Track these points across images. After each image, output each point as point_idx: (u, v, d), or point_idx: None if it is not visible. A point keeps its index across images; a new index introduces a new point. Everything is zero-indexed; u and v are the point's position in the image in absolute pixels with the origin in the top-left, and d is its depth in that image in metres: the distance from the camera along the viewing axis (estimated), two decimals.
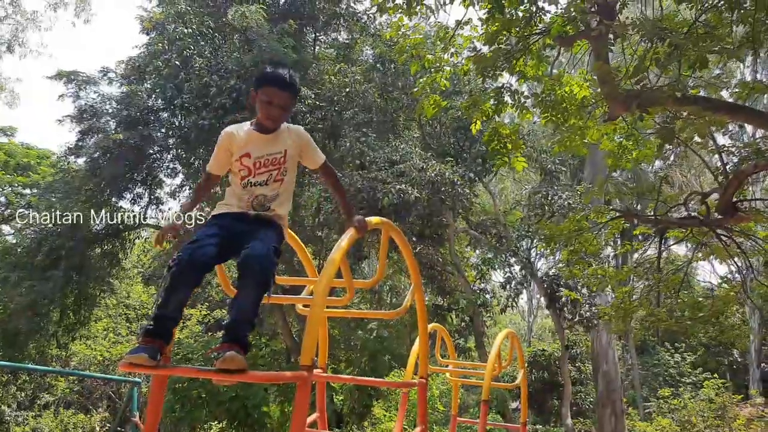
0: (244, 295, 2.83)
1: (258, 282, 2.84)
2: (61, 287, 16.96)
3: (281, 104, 3.16)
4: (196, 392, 15.51)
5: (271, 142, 3.22)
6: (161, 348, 2.83)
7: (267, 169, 3.19)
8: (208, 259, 2.89)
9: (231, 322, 2.84)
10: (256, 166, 3.19)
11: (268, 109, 3.16)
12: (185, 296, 2.89)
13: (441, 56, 6.39)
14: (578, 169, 20.79)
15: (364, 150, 15.13)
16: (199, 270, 2.89)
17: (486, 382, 6.42)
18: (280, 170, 3.21)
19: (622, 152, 6.42)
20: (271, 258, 2.91)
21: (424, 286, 19.29)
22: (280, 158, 3.21)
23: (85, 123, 17.61)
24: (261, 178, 3.19)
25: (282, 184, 3.23)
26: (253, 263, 2.83)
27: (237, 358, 2.63)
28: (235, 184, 3.25)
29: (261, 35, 16.10)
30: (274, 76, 3.20)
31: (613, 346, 17.25)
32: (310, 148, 3.35)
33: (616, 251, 16.56)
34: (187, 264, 2.83)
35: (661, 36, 4.54)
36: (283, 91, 3.16)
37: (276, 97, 3.14)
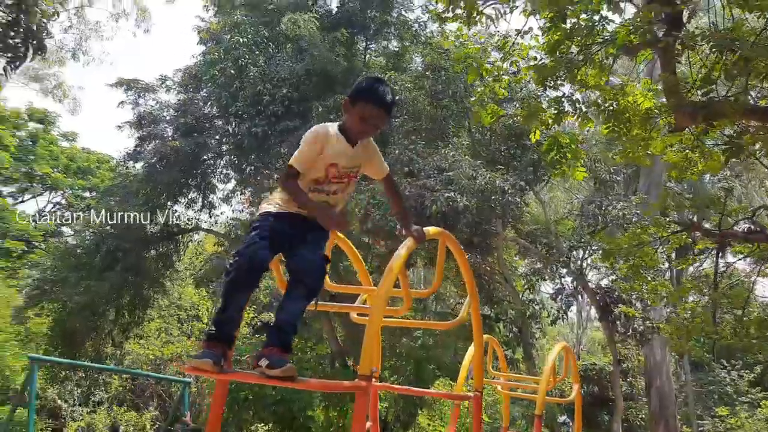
0: (293, 301, 2.89)
1: (307, 291, 2.90)
2: (118, 288, 17.51)
3: (376, 123, 3.11)
4: (244, 394, 15.75)
5: (355, 155, 3.19)
6: (224, 352, 2.87)
7: (342, 181, 3.19)
8: (263, 263, 2.93)
9: (277, 326, 2.89)
10: (333, 176, 3.15)
11: (362, 126, 3.10)
12: (244, 300, 2.94)
13: (499, 65, 6.33)
14: (632, 178, 20.30)
15: (412, 157, 15.12)
16: (256, 273, 2.92)
17: (540, 396, 6.32)
18: (350, 183, 3.23)
19: (687, 164, 6.23)
20: (322, 267, 2.96)
21: None
22: (357, 171, 3.23)
23: (143, 129, 18.17)
24: (332, 188, 3.18)
25: (345, 196, 3.26)
26: (307, 273, 2.88)
27: (290, 368, 2.69)
28: (306, 183, 3.15)
29: (313, 44, 16.33)
30: (373, 93, 3.08)
31: (667, 361, 16.75)
32: (378, 159, 3.34)
33: (672, 265, 16.05)
34: (245, 268, 2.87)
35: (731, 47, 4.40)
36: (380, 110, 3.08)
37: (373, 114, 3.07)
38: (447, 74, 16.03)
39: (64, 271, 17.90)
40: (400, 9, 19.07)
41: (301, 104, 16.10)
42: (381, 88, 3.11)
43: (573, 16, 5.23)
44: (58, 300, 18.23)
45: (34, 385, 11.47)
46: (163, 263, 19.09)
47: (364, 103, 3.06)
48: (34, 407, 11.69)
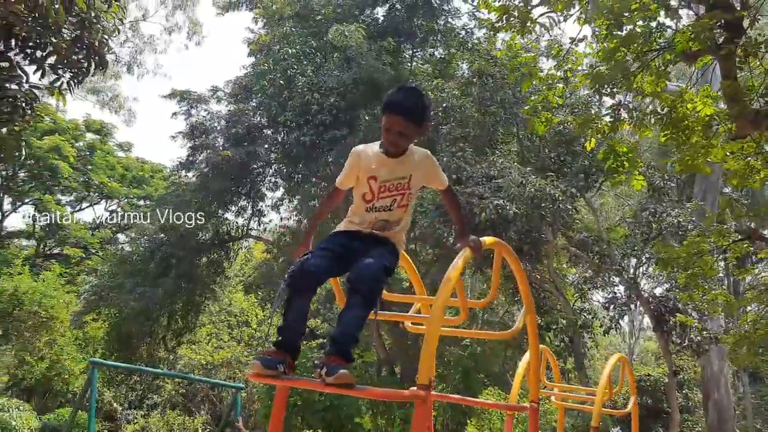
0: (352, 311, 2.90)
1: (366, 299, 2.90)
2: (171, 294, 18.00)
3: (397, 130, 3.07)
4: (293, 399, 15.91)
5: (397, 166, 3.17)
6: (284, 359, 2.91)
7: (391, 194, 3.17)
8: (317, 270, 2.94)
9: (337, 335, 2.91)
10: (380, 190, 3.17)
11: (386, 135, 3.11)
12: (302, 307, 2.96)
13: (553, 73, 6.28)
14: (686, 184, 19.74)
15: (460, 165, 15.05)
16: (310, 281, 2.95)
17: (596, 407, 6.20)
18: (405, 195, 3.18)
19: (748, 172, 6.04)
20: (381, 276, 2.94)
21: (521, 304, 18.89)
22: (405, 183, 3.17)
23: (195, 139, 18.66)
24: (384, 203, 3.18)
25: (406, 209, 3.22)
26: (362, 281, 2.88)
27: (346, 376, 2.71)
28: (358, 205, 3.23)
29: (360, 53, 16.48)
30: (390, 101, 3.12)
31: (726, 373, 16.18)
32: (436, 171, 3.32)
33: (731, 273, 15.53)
34: (298, 276, 2.92)
35: None
36: (397, 117, 3.06)
37: (391, 123, 3.07)
38: (495, 81, 15.94)
39: (120, 278, 18.49)
40: (446, 16, 19.09)
41: (349, 113, 16.26)
42: (397, 96, 3.12)
43: (629, 23, 5.16)
44: (114, 305, 18.83)
45: (94, 389, 11.81)
46: (214, 270, 19.53)
47: (384, 115, 3.10)
48: (94, 410, 12.04)
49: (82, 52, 7.37)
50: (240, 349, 21.34)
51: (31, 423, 16.45)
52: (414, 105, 3.10)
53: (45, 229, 24.50)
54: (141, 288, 17.46)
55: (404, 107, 3.08)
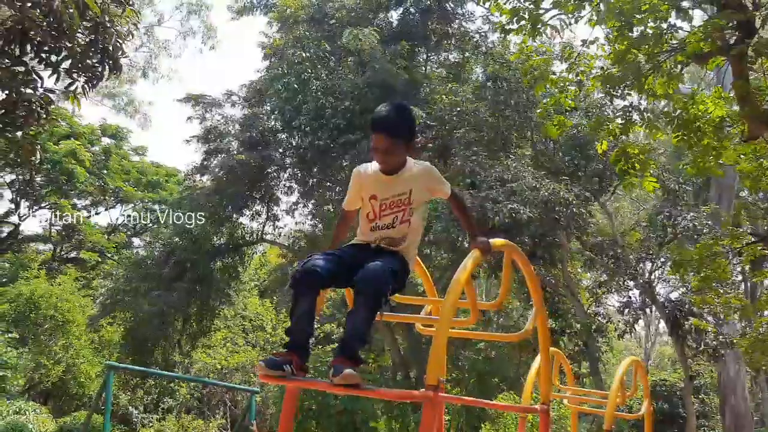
0: (358, 312, 2.91)
1: (372, 301, 2.89)
2: (186, 298, 18.10)
3: (380, 147, 3.08)
4: (308, 404, 15.94)
5: (395, 183, 3.17)
6: (291, 360, 2.93)
7: (392, 211, 3.17)
8: (321, 269, 2.94)
9: (344, 338, 2.94)
10: (381, 209, 3.18)
11: (374, 154, 3.14)
12: (308, 308, 2.96)
13: (566, 76, 6.26)
14: (701, 188, 19.56)
15: (474, 169, 15.04)
16: (312, 280, 2.94)
17: (609, 411, 6.16)
18: (406, 211, 3.17)
19: (762, 174, 5.97)
20: (387, 278, 2.93)
21: None
22: (405, 199, 3.16)
23: (210, 143, 18.77)
24: (386, 221, 3.18)
25: (410, 225, 3.19)
26: (368, 282, 2.88)
27: (352, 376, 2.71)
28: (363, 224, 3.26)
29: (374, 57, 16.53)
30: (373, 119, 3.13)
31: (743, 378, 15.99)
32: (437, 182, 3.28)
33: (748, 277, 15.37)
34: (301, 277, 2.94)
35: None
36: (381, 134, 3.07)
37: (376, 141, 3.09)
38: (509, 85, 15.92)
39: (135, 282, 18.62)
40: (460, 20, 19.08)
41: (363, 117, 16.27)
42: (380, 113, 3.13)
43: (640, 25, 5.13)
44: (129, 309, 18.97)
45: (109, 392, 11.91)
46: (228, 274, 19.61)
47: (371, 133, 3.15)
48: (110, 413, 12.13)
49: (97, 57, 7.47)
50: (255, 354, 21.42)
51: (48, 426, 16.61)
52: (398, 121, 3.10)
53: (61, 233, 24.75)
54: (156, 292, 17.58)
55: (387, 124, 3.08)
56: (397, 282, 3.10)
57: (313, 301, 2.99)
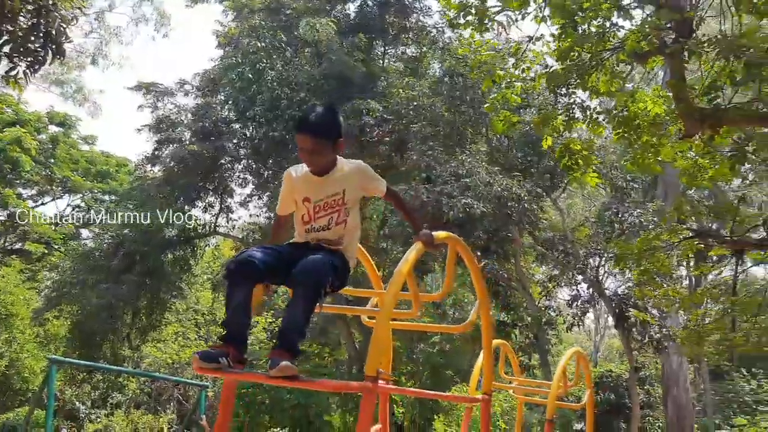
0: (297, 304, 2.88)
1: (311, 292, 2.86)
2: (135, 291, 17.74)
3: (306, 148, 3.05)
4: (261, 398, 15.84)
5: (327, 184, 3.14)
6: (230, 352, 2.90)
7: (327, 213, 3.15)
8: (256, 261, 2.90)
9: (282, 330, 2.91)
10: (316, 210, 3.15)
11: (301, 155, 3.10)
12: (243, 300, 2.92)
13: (512, 72, 6.33)
14: (650, 185, 20.13)
15: (430, 163, 15.15)
16: (247, 271, 2.90)
17: (550, 400, 6.28)
18: (341, 212, 3.15)
19: (697, 171, 6.18)
20: (327, 270, 2.91)
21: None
22: (339, 200, 3.14)
23: (161, 133, 18.40)
24: (322, 222, 3.16)
25: (346, 225, 3.16)
26: (307, 273, 2.86)
27: (288, 367, 2.69)
28: (299, 227, 3.23)
29: (331, 49, 16.44)
30: (297, 121, 3.13)
31: (685, 369, 16.54)
32: (370, 180, 3.25)
33: (690, 272, 15.90)
34: (236, 267, 2.90)
35: (737, 54, 4.37)
36: (304, 135, 3.04)
37: (301, 141, 3.06)
38: (465, 80, 16.04)
39: (83, 274, 18.15)
40: (418, 15, 19.10)
41: None
42: (304, 115, 3.14)
43: (583, 23, 5.23)
44: (76, 302, 18.48)
45: (52, 387, 11.59)
46: (180, 267, 19.28)
47: (296, 134, 3.14)
48: (52, 408, 11.81)
49: (39, 41, 7.21)
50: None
51: None
52: (321, 121, 3.07)
53: (5, 223, 23.91)
54: (104, 284, 17.17)
55: (311, 124, 3.05)
56: (338, 278, 3.08)
57: (249, 293, 2.95)
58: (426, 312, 20.05)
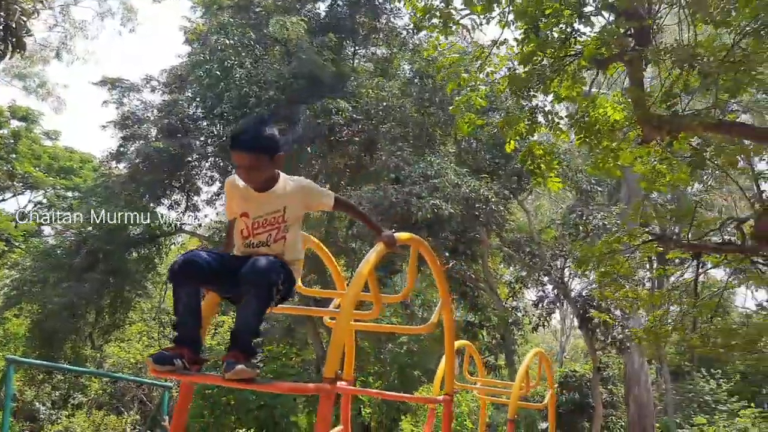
0: (249, 305, 2.83)
1: (263, 292, 2.82)
2: (98, 289, 17.39)
3: (243, 165, 2.94)
4: (226, 399, 15.69)
5: (268, 201, 3.05)
6: (182, 354, 2.86)
7: (266, 230, 3.07)
8: (199, 260, 2.86)
9: (235, 330, 2.86)
10: (254, 227, 3.06)
11: (238, 171, 3.00)
12: (191, 300, 2.89)
13: (477, 75, 6.38)
14: (615, 189, 20.49)
15: (399, 164, 15.18)
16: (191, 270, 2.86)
17: (512, 400, 6.36)
18: (280, 229, 3.06)
19: (655, 176, 6.32)
20: (276, 269, 2.86)
21: (456, 302, 19.18)
22: (279, 217, 3.06)
23: (127, 129, 18.11)
24: (261, 239, 3.07)
25: (285, 241, 3.07)
26: (257, 273, 2.80)
27: (242, 371, 2.66)
28: (238, 240, 3.13)
29: (301, 47, 16.36)
30: (231, 137, 3.03)
31: (646, 369, 16.87)
32: (314, 196, 3.19)
33: (651, 274, 16.23)
34: (179, 268, 2.85)
35: (692, 62, 4.49)
36: (240, 152, 2.93)
37: (237, 159, 2.96)
38: (434, 82, 16.11)
39: (44, 272, 17.76)
40: (389, 16, 19.10)
41: (288, 108, 16.09)
42: (238, 130, 3.06)
43: (546, 29, 5.31)
44: (37, 301, 18.06)
45: (10, 387, 11.32)
46: (145, 266, 18.98)
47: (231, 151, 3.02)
48: (9, 409, 11.54)
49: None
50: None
51: None
52: (256, 136, 2.97)
53: None
54: (66, 283, 16.81)
55: (245, 141, 2.95)
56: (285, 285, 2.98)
57: (195, 293, 2.91)
58: (394, 313, 20.11)
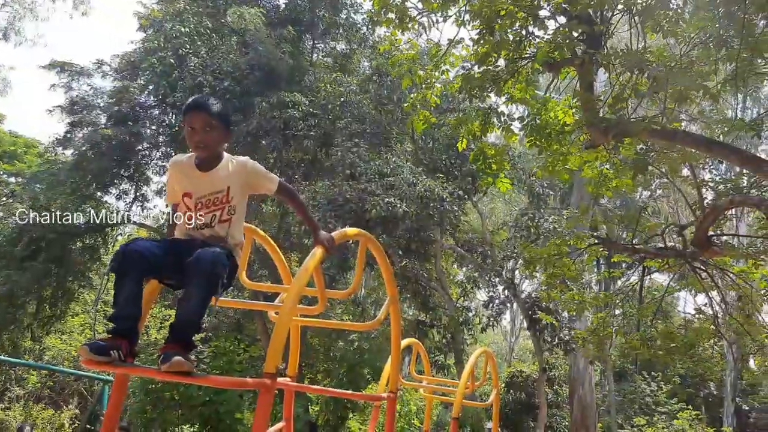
0: (191, 296, 2.75)
1: (206, 283, 2.74)
2: (39, 279, 16.77)
3: (201, 126, 2.94)
4: (169, 394, 15.38)
5: (211, 180, 3.01)
6: (119, 345, 2.75)
7: (209, 210, 3.01)
8: (142, 249, 2.78)
9: (175, 322, 2.78)
10: (197, 208, 3.01)
11: (191, 136, 2.97)
12: (131, 290, 2.77)
13: (432, 73, 6.39)
14: (567, 194, 20.89)
15: (355, 161, 15.12)
16: (133, 261, 2.76)
17: (457, 399, 6.37)
18: (224, 210, 3.02)
19: (602, 180, 6.44)
20: (222, 261, 2.78)
21: (408, 301, 19.26)
22: (223, 197, 3.01)
23: (75, 115, 17.54)
24: (205, 220, 3.01)
25: (230, 224, 3.03)
26: (201, 262, 2.72)
27: (180, 363, 2.56)
28: (180, 221, 3.07)
29: (258, 39, 16.13)
30: (189, 102, 3.05)
31: (590, 371, 17.27)
32: (258, 177, 3.12)
33: (598, 276, 16.64)
34: (121, 258, 2.76)
35: (641, 68, 4.59)
36: (199, 113, 2.96)
37: (194, 120, 2.95)
38: (392, 80, 16.10)
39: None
40: (349, 11, 19.01)
41: (243, 99, 15.85)
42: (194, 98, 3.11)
43: (501, 30, 5.34)
44: None
45: None
46: (89, 256, 18.38)
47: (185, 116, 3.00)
48: None
49: None
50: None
51: None
52: (214, 102, 3.03)
53: None
54: (5, 272, 16.18)
55: (203, 103, 3.01)
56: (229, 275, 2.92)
57: (138, 283, 2.80)
58: (346, 310, 20.06)
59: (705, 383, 24.82)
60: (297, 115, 15.23)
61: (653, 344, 7.76)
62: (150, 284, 3.10)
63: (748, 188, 6.03)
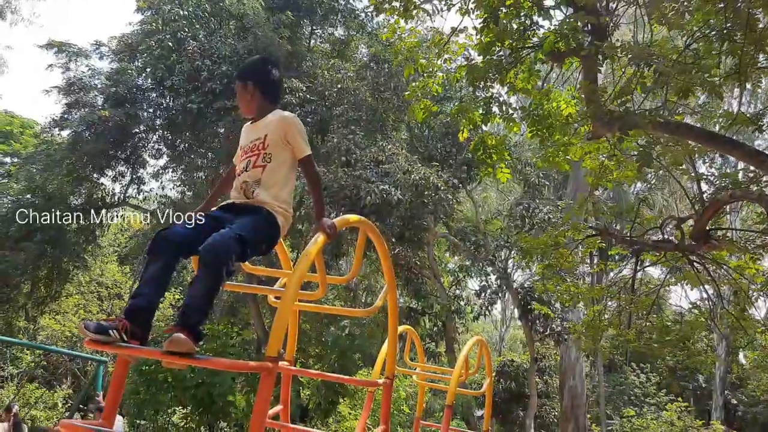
0: (199, 283, 2.79)
1: (212, 272, 2.78)
2: (34, 259, 16.73)
3: (240, 92, 3.32)
4: (162, 376, 15.40)
5: (255, 130, 3.29)
6: (121, 325, 2.76)
7: (247, 156, 3.24)
8: (174, 237, 2.87)
9: (183, 308, 2.81)
10: (242, 156, 3.28)
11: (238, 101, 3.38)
12: (155, 275, 2.83)
13: (434, 62, 6.40)
14: (561, 184, 20.94)
15: (350, 147, 15.11)
16: (165, 246, 2.85)
17: (451, 387, 6.42)
18: (259, 156, 3.20)
19: (603, 172, 6.48)
20: (230, 246, 2.82)
21: (400, 289, 19.32)
22: (259, 144, 3.22)
23: (72, 96, 17.43)
24: (243, 165, 3.24)
25: (264, 170, 3.18)
26: (209, 251, 2.77)
27: (183, 340, 2.56)
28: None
29: (257, 23, 16.04)
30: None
31: (581, 362, 17.41)
32: (294, 134, 3.23)
33: (592, 269, 16.72)
34: (156, 244, 2.84)
35: (648, 61, 4.62)
36: (238, 81, 3.34)
37: (237, 87, 3.34)
38: (390, 67, 16.07)
39: None
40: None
41: None
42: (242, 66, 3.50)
43: (506, 19, 5.35)
44: None
45: None
46: (85, 237, 18.34)
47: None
48: None
49: None
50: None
51: None
52: (250, 68, 3.40)
53: None
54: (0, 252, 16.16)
55: (239, 73, 3.38)
56: (258, 243, 3.03)
57: (164, 268, 2.85)
58: (338, 296, 20.11)
59: (694, 376, 25.08)
60: (294, 101, 15.19)
61: (648, 337, 7.82)
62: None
63: (747, 183, 6.07)
